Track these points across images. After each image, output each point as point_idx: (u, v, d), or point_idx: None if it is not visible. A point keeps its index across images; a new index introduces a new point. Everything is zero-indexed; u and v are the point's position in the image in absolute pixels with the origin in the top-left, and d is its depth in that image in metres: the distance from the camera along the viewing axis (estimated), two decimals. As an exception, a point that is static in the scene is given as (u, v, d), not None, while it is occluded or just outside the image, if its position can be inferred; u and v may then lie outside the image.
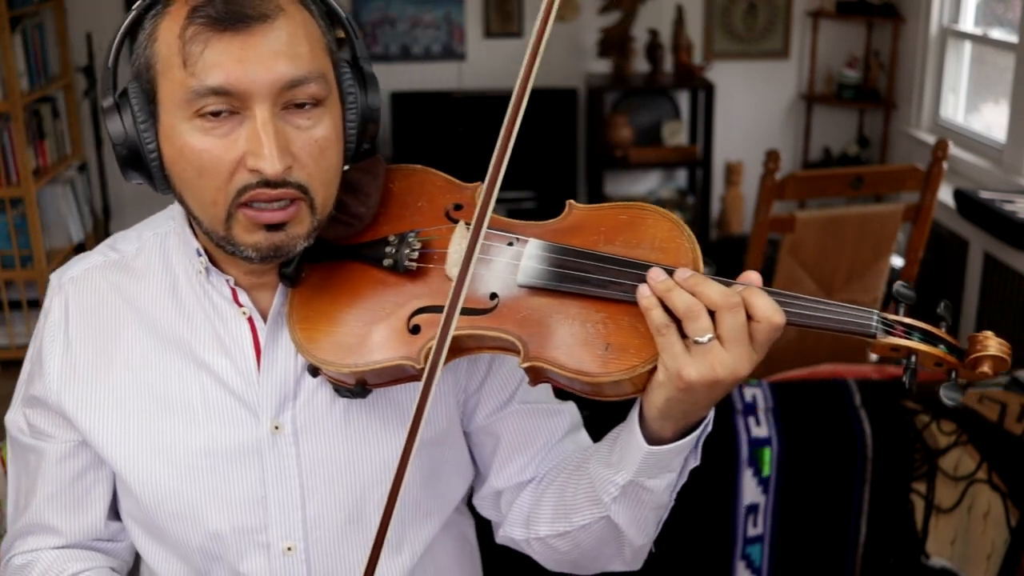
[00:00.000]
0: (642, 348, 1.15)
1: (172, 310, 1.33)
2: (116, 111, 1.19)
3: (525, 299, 1.19)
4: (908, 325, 1.15)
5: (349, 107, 1.25)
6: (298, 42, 1.17)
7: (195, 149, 1.16)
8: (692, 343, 1.10)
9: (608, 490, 1.25)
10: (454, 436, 1.42)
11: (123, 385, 1.33)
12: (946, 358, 1.15)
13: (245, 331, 1.31)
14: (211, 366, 1.31)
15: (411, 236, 1.25)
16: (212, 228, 1.21)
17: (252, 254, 1.20)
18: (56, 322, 1.36)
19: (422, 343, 1.20)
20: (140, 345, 1.33)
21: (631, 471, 1.22)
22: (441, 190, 1.32)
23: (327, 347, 1.23)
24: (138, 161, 1.20)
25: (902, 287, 1.17)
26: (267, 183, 1.16)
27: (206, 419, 1.32)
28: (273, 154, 1.14)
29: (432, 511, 1.44)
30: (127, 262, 1.37)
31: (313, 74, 1.17)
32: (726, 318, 1.10)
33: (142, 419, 1.33)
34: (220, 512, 1.34)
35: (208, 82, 1.13)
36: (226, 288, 1.31)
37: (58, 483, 1.39)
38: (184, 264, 1.33)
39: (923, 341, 1.14)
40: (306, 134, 1.18)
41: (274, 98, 1.15)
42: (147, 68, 1.18)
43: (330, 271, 1.27)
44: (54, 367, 1.34)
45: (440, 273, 1.23)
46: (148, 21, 1.18)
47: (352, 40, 1.28)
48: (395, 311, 1.23)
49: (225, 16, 1.12)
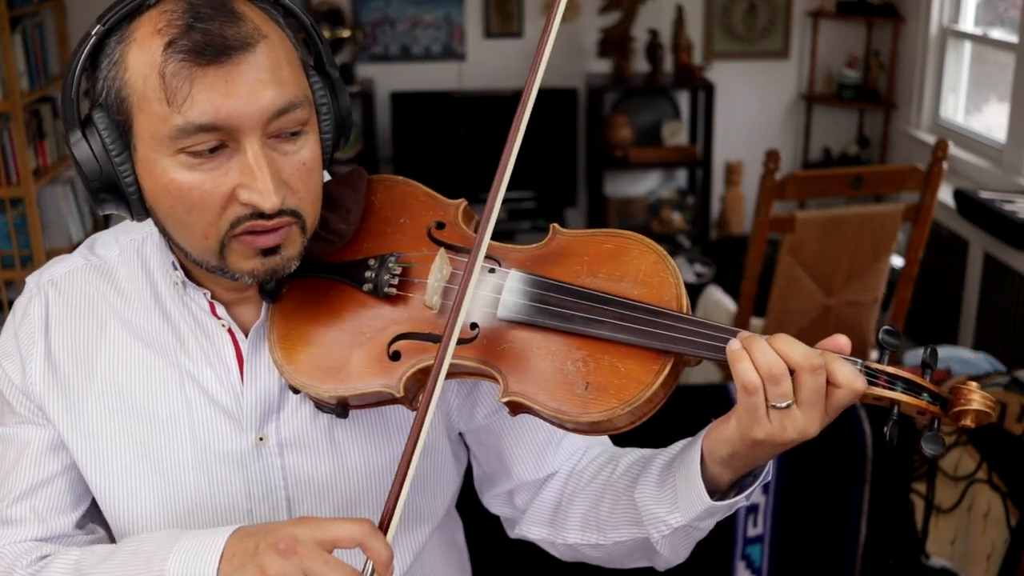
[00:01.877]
0: (622, 389, 1.15)
1: (156, 319, 1.30)
2: (85, 143, 1.14)
3: (505, 331, 1.19)
4: (891, 375, 1.15)
5: (323, 118, 1.22)
6: (281, 66, 1.14)
7: (183, 186, 1.12)
8: (770, 407, 1.12)
9: (659, 528, 1.27)
10: (441, 444, 1.42)
11: (107, 395, 1.30)
12: (929, 408, 1.15)
13: (227, 343, 1.29)
14: (196, 376, 1.29)
15: (391, 260, 1.24)
16: (203, 259, 1.19)
17: (248, 280, 1.20)
18: (35, 324, 1.32)
19: (402, 370, 1.19)
20: (123, 352, 1.31)
21: (687, 517, 1.24)
22: (424, 206, 1.29)
23: (306, 369, 1.22)
24: (115, 193, 1.17)
25: (887, 335, 1.17)
26: (261, 215, 1.14)
27: (190, 430, 1.30)
28: (269, 188, 1.12)
29: (422, 518, 1.44)
30: (109, 268, 1.33)
31: (299, 98, 1.15)
32: (807, 381, 1.11)
33: (126, 429, 1.30)
34: (206, 524, 1.32)
35: (195, 120, 1.09)
36: (204, 301, 1.28)
37: (36, 477, 1.33)
38: (162, 274, 1.30)
39: (907, 392, 1.14)
40: (294, 159, 1.16)
41: (263, 128, 1.12)
42: (119, 100, 1.13)
43: (310, 288, 1.26)
44: (36, 372, 1.31)
45: (419, 301, 1.22)
46: (112, 47, 1.13)
47: (318, 45, 1.24)
48: (375, 336, 1.22)
49: (206, 48, 1.08)
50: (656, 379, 1.16)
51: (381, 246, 1.27)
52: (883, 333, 1.17)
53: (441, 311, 1.21)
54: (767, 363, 1.11)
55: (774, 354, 1.11)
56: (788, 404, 1.11)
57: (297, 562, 1.08)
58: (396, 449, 1.33)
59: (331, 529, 1.11)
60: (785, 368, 1.11)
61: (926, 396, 1.15)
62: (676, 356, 1.17)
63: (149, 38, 1.10)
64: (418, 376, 1.20)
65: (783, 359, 1.11)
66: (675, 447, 1.31)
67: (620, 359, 1.16)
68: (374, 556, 1.11)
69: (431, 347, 1.19)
